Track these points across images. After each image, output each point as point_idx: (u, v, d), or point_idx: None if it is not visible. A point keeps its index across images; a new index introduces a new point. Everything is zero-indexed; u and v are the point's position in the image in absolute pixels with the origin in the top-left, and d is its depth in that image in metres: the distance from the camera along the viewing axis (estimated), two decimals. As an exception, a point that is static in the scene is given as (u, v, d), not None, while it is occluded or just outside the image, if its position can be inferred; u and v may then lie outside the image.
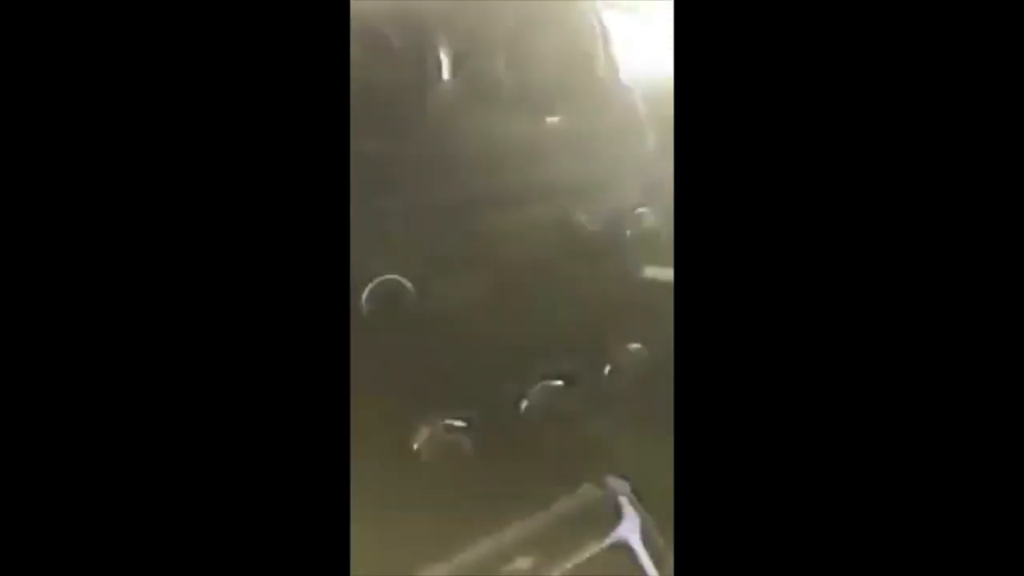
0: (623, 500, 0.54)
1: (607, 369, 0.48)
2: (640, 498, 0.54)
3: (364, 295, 0.35)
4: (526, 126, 0.43)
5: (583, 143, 0.44)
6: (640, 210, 0.45)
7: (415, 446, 0.40)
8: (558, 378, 0.45)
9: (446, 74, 0.40)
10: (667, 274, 0.47)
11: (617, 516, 0.53)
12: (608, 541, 0.52)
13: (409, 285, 0.36)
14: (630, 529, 0.53)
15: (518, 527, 0.53)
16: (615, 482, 0.56)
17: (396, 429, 0.40)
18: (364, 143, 0.37)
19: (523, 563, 0.50)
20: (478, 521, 0.51)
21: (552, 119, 0.44)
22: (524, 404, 0.44)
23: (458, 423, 0.41)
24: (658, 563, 0.51)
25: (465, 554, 0.51)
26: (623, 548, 0.52)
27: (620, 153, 0.46)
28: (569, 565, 0.50)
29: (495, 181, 0.41)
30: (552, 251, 0.43)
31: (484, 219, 0.41)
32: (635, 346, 0.48)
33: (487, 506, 0.50)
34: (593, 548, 0.52)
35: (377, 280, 0.35)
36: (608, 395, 0.48)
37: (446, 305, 0.39)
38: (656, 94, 0.49)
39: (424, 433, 0.40)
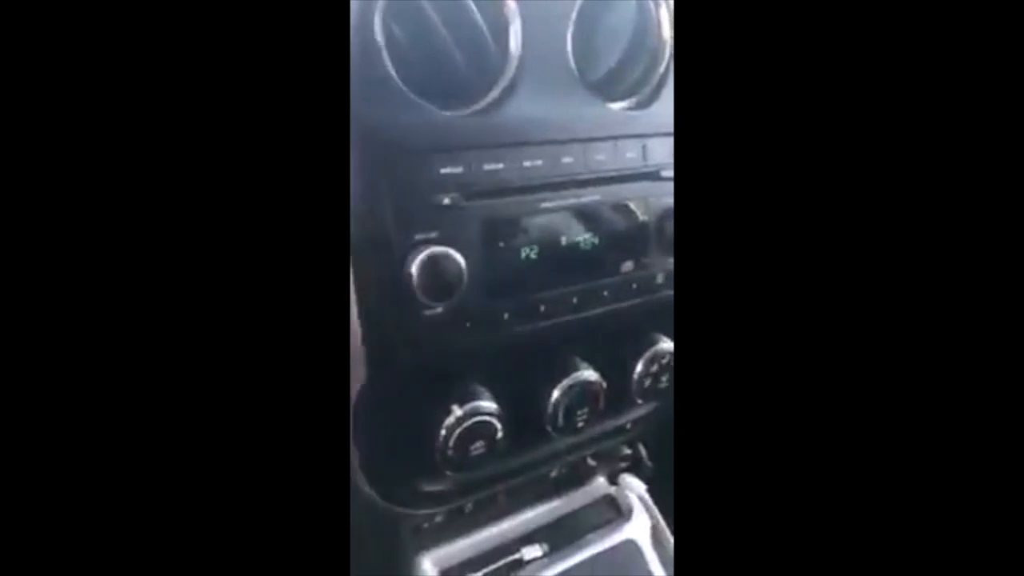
0: (635, 499, 0.54)
1: (639, 364, 0.47)
2: (655, 499, 0.53)
3: (415, 264, 0.34)
4: (589, 109, 0.41)
5: (644, 132, 0.43)
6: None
7: (444, 425, 0.39)
8: (591, 369, 0.44)
9: (515, 47, 0.38)
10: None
11: (628, 514, 0.53)
12: (618, 538, 0.52)
13: (460, 259, 0.35)
14: (640, 528, 0.53)
15: (531, 514, 0.52)
16: (630, 481, 0.55)
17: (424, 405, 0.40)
18: (427, 112, 0.35)
19: (533, 551, 0.50)
20: (497, 502, 0.50)
21: (615, 105, 0.43)
22: (555, 394, 0.43)
23: (488, 404, 0.40)
24: (666, 564, 0.51)
25: (480, 534, 0.50)
26: (632, 546, 0.51)
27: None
28: (578, 559, 0.50)
29: (551, 162, 0.40)
30: (600, 238, 0.42)
31: (536, 199, 0.39)
32: (669, 344, 0.48)
33: (507, 489, 0.49)
34: (602, 543, 0.51)
35: (426, 252, 0.34)
36: (638, 389, 0.47)
37: (490, 281, 0.38)
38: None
39: (456, 412, 0.39)
